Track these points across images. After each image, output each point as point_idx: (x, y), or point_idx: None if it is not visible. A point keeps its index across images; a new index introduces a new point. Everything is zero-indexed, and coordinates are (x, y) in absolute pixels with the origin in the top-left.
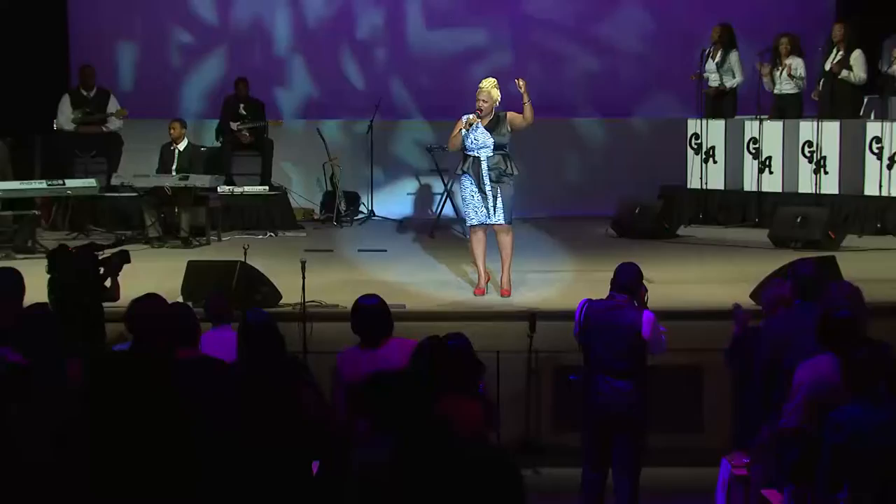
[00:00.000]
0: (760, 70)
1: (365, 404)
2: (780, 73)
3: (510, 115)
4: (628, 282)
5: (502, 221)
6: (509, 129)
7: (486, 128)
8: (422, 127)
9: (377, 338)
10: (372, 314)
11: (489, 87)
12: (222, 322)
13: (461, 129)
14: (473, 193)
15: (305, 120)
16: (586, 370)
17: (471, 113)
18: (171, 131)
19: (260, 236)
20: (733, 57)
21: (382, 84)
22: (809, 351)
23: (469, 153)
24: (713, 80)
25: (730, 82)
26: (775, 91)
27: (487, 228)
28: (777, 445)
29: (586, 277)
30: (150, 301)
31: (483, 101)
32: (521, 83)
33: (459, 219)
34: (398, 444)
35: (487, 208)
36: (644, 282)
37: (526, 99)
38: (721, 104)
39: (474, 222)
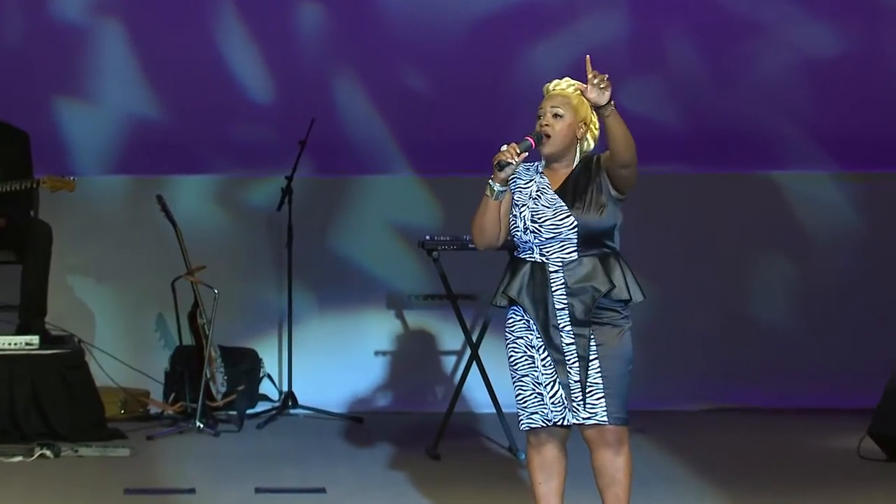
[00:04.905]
0: None
1: None
2: None
3: (604, 157)
4: None
5: (604, 419)
6: (612, 189)
7: (556, 192)
8: (409, 190)
9: None
10: None
11: (567, 90)
12: None
13: (490, 187)
14: (532, 351)
15: (129, 176)
16: None
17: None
18: None
19: (18, 458)
20: None
21: (318, 93)
22: None
23: (522, 255)
24: None
25: None
26: None
27: (568, 436)
28: None
29: None
30: None
31: (553, 112)
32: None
33: (500, 415)
34: None
35: (567, 387)
36: None
37: (599, 97)
38: None
39: (535, 423)
